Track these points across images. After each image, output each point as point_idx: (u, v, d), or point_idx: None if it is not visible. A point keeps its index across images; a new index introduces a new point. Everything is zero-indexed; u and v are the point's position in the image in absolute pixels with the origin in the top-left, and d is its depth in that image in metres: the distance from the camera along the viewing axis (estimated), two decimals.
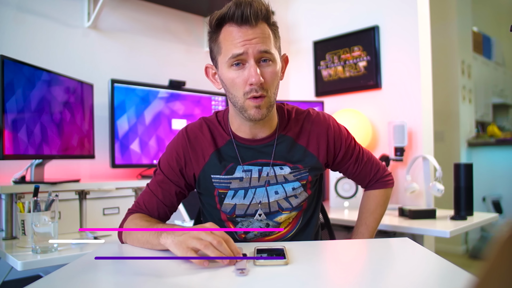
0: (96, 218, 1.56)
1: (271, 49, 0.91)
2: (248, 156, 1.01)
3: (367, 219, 1.19)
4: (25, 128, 1.35)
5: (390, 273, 0.76)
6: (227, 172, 1.00)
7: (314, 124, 1.05)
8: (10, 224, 1.35)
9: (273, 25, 0.95)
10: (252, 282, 0.67)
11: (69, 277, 0.72)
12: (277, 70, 0.94)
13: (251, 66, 0.89)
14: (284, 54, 1.02)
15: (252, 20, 0.88)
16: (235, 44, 0.89)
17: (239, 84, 0.91)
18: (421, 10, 2.11)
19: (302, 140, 1.04)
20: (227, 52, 0.90)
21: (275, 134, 1.02)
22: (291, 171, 1.02)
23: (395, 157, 1.99)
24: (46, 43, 1.75)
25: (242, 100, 0.92)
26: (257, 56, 0.90)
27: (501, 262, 0.26)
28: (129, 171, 1.95)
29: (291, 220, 1.05)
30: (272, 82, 0.92)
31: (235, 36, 0.89)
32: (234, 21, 0.89)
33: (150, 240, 0.88)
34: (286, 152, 1.02)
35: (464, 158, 3.45)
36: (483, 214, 1.80)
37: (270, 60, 0.92)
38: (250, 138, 1.01)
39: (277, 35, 0.97)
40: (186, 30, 2.28)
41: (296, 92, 2.72)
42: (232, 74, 0.91)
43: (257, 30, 0.89)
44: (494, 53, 4.54)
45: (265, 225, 1.04)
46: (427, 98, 2.13)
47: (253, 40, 0.88)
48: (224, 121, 1.04)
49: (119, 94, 1.76)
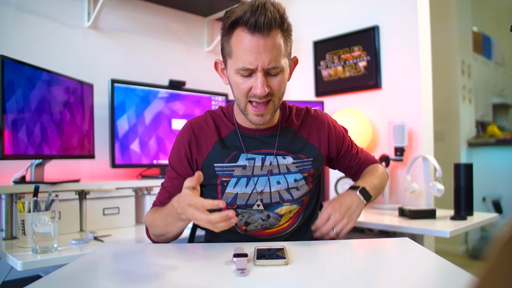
0: (96, 218, 1.56)
1: (280, 62, 0.93)
2: (251, 146, 1.05)
3: (365, 178, 1.14)
4: (25, 128, 1.35)
5: (390, 273, 0.76)
6: (230, 160, 1.03)
7: (314, 118, 1.11)
8: (10, 224, 1.35)
9: (287, 31, 0.95)
10: (252, 282, 0.67)
11: (69, 277, 0.72)
12: (284, 78, 0.96)
13: (258, 77, 0.91)
14: (294, 56, 1.04)
15: (265, 29, 0.88)
16: (246, 55, 0.90)
17: (243, 90, 0.94)
18: (421, 10, 2.11)
19: (303, 132, 1.08)
20: (237, 60, 0.92)
21: (277, 126, 1.07)
22: (294, 161, 1.05)
23: (395, 157, 1.99)
24: (46, 43, 1.75)
25: (243, 103, 0.96)
26: (266, 69, 0.92)
27: (501, 263, 0.26)
28: (129, 171, 1.95)
29: (292, 215, 1.07)
30: (278, 90, 0.96)
31: (246, 44, 0.90)
32: (247, 27, 0.89)
33: (167, 224, 0.96)
34: (288, 143, 1.06)
35: (464, 158, 3.45)
36: (483, 214, 1.80)
37: (278, 71, 0.94)
38: (254, 128, 1.05)
39: (289, 40, 0.97)
40: (186, 30, 2.28)
41: (296, 92, 2.72)
42: (239, 80, 0.94)
43: (268, 42, 0.89)
44: (494, 53, 4.53)
45: (266, 216, 1.04)
46: (427, 98, 2.13)
47: (263, 55, 0.89)
48: (229, 113, 1.09)
49: (119, 94, 1.76)
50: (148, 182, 1.73)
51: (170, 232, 0.99)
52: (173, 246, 1.01)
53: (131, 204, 1.68)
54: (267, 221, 1.04)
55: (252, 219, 1.04)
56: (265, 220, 1.04)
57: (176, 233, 1.00)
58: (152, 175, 1.88)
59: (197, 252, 0.94)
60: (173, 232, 0.99)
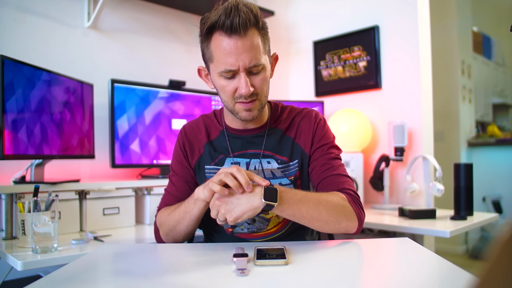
0: (96, 218, 1.56)
1: (260, 60, 0.94)
2: (237, 147, 1.06)
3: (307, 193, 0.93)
4: (25, 128, 1.35)
5: (390, 273, 0.76)
6: (217, 163, 1.05)
7: (304, 118, 1.09)
8: (10, 224, 1.35)
9: (263, 29, 0.97)
10: (252, 282, 0.67)
11: (69, 277, 0.72)
12: (266, 75, 0.98)
13: (241, 78, 0.93)
14: (274, 53, 1.05)
15: (241, 30, 0.90)
16: (226, 57, 0.92)
17: (229, 92, 0.96)
18: (421, 10, 2.11)
19: (291, 132, 1.08)
20: (218, 63, 0.94)
21: (265, 127, 1.07)
22: (279, 166, 1.04)
23: (395, 157, 1.99)
24: (46, 43, 1.75)
25: (231, 104, 0.98)
26: (247, 69, 0.93)
27: (501, 263, 0.26)
28: (129, 171, 1.95)
29: (281, 219, 1.05)
30: (262, 87, 0.97)
31: (225, 47, 0.91)
32: (224, 31, 0.91)
33: (186, 208, 0.95)
34: (276, 144, 1.06)
35: (464, 158, 3.45)
36: (483, 214, 1.80)
37: (260, 69, 0.95)
38: (241, 129, 1.06)
39: (266, 38, 0.98)
40: (186, 30, 2.28)
41: (296, 92, 2.72)
42: (223, 82, 0.96)
43: (246, 42, 0.91)
44: (494, 53, 4.53)
45: (251, 220, 1.03)
46: (427, 98, 2.13)
47: (242, 55, 0.91)
48: (220, 115, 1.12)
49: (119, 94, 1.76)
50: (148, 182, 1.73)
51: (183, 220, 0.96)
52: (173, 246, 1.01)
53: (131, 204, 1.68)
54: (253, 224, 1.04)
55: (238, 222, 1.04)
56: (251, 224, 1.04)
57: (188, 222, 0.96)
58: (152, 175, 1.88)
59: (197, 252, 0.94)
60: (185, 220, 0.96)
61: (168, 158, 1.89)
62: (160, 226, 1.05)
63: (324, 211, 0.89)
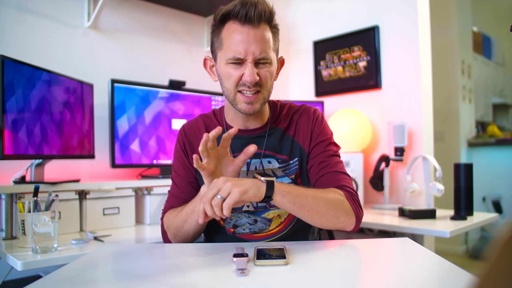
0: (96, 218, 1.56)
1: (269, 54, 0.96)
2: (238, 147, 1.04)
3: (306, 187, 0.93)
4: (25, 128, 1.35)
5: (390, 273, 0.76)
6: None
7: (302, 115, 1.09)
8: (10, 224, 1.35)
9: (275, 28, 0.99)
10: (252, 282, 0.67)
11: (69, 277, 0.72)
12: (272, 71, 0.99)
13: (248, 66, 0.94)
14: (281, 57, 1.07)
15: (255, 20, 0.92)
16: (236, 45, 0.93)
17: (234, 78, 0.96)
18: (421, 10, 2.11)
19: (290, 130, 1.08)
20: (227, 50, 0.95)
21: (266, 126, 1.07)
22: (280, 165, 1.04)
23: (395, 157, 1.99)
24: (46, 43, 1.75)
25: (233, 93, 0.97)
26: (256, 60, 0.94)
27: (501, 263, 0.26)
28: (129, 171, 1.95)
29: (283, 219, 1.05)
30: (266, 80, 0.97)
31: (237, 35, 0.93)
32: (238, 19, 0.93)
33: (193, 208, 0.94)
34: (276, 143, 1.06)
35: (464, 158, 3.45)
36: (483, 214, 1.80)
37: (267, 63, 0.96)
38: (242, 129, 1.05)
39: (276, 38, 1.01)
40: (186, 30, 2.28)
41: (296, 92, 2.72)
42: (229, 69, 0.96)
43: (258, 32, 0.93)
44: (494, 53, 4.54)
45: (253, 221, 1.04)
46: (427, 98, 2.13)
47: (253, 45, 0.92)
48: (220, 114, 1.11)
49: (119, 94, 1.76)
50: (148, 182, 1.73)
51: (190, 219, 0.95)
52: (173, 246, 1.01)
53: (131, 204, 1.68)
54: (255, 225, 1.04)
55: (240, 223, 1.04)
56: (253, 225, 1.04)
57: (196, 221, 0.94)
58: (152, 175, 1.88)
59: (197, 252, 0.94)
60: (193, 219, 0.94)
61: (168, 158, 1.89)
62: (167, 229, 1.04)
63: (323, 204, 0.89)
